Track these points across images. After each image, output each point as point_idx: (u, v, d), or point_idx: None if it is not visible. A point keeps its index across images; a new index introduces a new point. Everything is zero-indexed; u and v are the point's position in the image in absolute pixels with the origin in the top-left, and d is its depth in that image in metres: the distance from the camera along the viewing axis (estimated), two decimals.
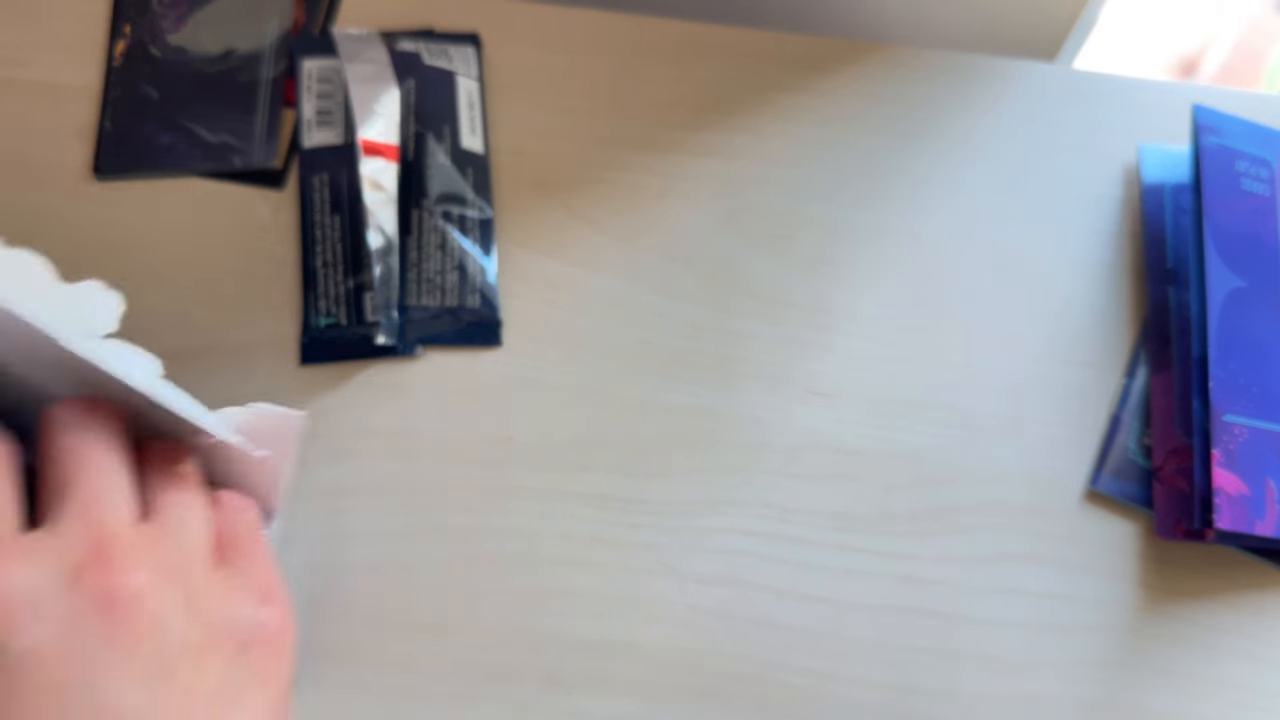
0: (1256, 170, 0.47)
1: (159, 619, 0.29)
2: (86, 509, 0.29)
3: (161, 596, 0.29)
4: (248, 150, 0.47)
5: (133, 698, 0.28)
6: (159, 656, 0.28)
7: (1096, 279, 0.48)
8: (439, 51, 0.49)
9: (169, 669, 0.29)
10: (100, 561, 0.28)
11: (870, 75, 0.51)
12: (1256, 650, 0.43)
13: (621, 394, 0.45)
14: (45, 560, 0.28)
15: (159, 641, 0.29)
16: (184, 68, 0.48)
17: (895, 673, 0.42)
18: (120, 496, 0.31)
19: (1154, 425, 0.45)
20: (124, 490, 0.31)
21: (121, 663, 0.28)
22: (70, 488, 0.30)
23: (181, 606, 0.30)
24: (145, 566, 0.29)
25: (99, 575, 0.28)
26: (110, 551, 0.29)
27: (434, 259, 0.45)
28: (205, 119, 0.48)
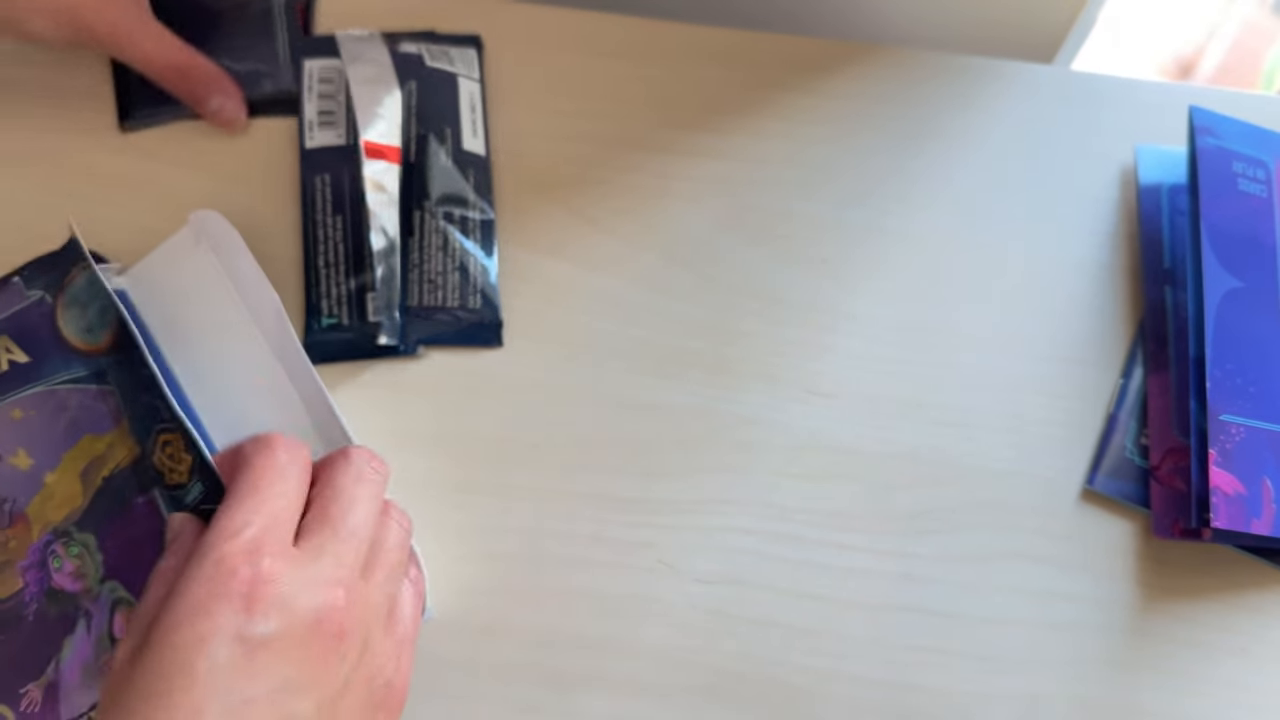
0: (1253, 171, 0.47)
1: (344, 660, 0.33)
2: (341, 558, 0.34)
3: (354, 647, 0.34)
4: (276, 74, 0.48)
5: (307, 711, 0.32)
6: (333, 689, 0.33)
7: (1094, 279, 0.48)
8: (441, 53, 0.49)
9: (333, 702, 0.33)
10: (335, 599, 0.33)
11: (869, 76, 0.51)
12: (1253, 648, 0.43)
13: (621, 394, 0.45)
14: (303, 579, 0.33)
15: (338, 678, 0.33)
16: (195, 5, 0.49)
17: (894, 671, 0.42)
18: (365, 550, 0.36)
19: (1151, 425, 0.45)
20: (368, 543, 0.36)
21: (311, 681, 0.32)
22: (338, 528, 0.35)
23: (358, 659, 0.34)
24: (358, 619, 0.34)
25: (330, 611, 0.33)
26: (343, 598, 0.33)
27: (436, 260, 0.46)
28: (229, 50, 0.49)
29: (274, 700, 0.31)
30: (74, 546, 0.41)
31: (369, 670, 0.35)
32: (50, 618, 0.40)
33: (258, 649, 0.31)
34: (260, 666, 0.31)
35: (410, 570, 0.39)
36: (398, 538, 0.37)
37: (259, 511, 0.34)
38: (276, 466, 0.35)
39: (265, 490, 0.34)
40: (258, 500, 0.34)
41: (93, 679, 0.39)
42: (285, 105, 0.49)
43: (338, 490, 0.36)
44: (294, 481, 0.36)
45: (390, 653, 0.36)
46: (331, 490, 0.36)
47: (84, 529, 0.41)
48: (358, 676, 0.34)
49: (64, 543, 0.41)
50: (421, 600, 0.40)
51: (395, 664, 0.36)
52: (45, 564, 0.41)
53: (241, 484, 0.35)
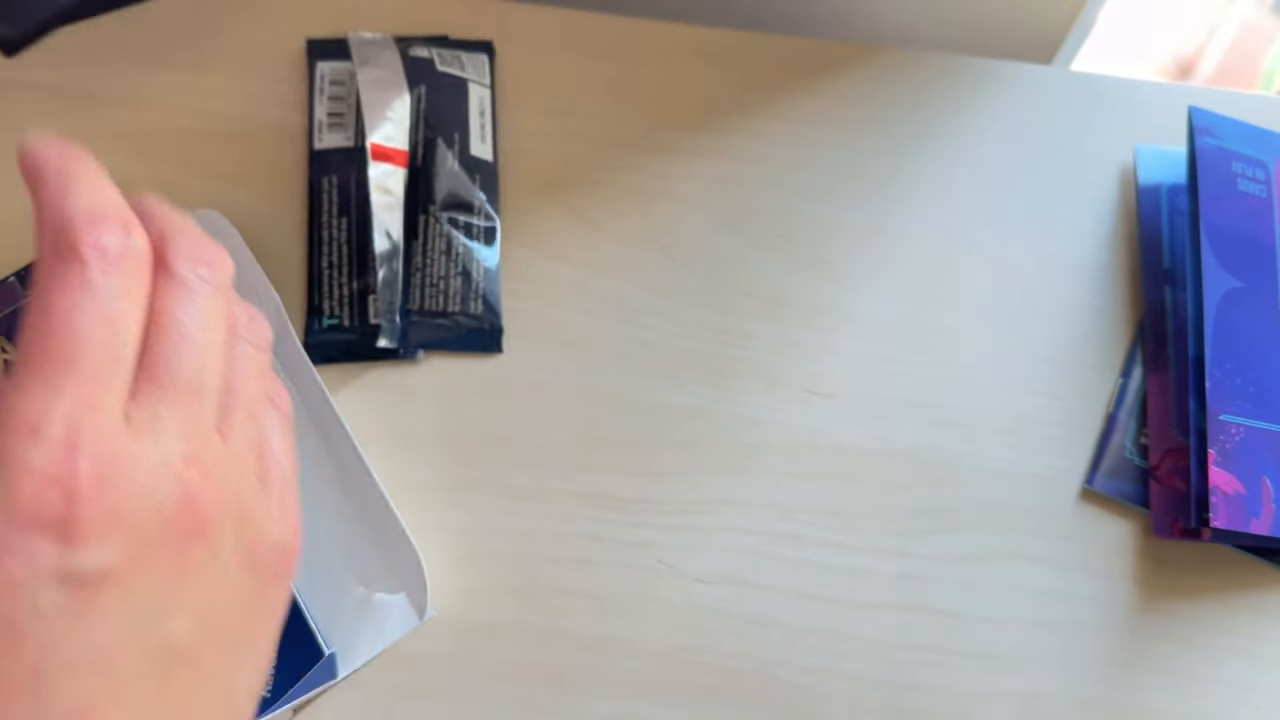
0: (1252, 171, 0.47)
1: (217, 554, 0.26)
2: (188, 420, 0.26)
3: (224, 531, 0.26)
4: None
5: (183, 632, 0.26)
6: (207, 591, 0.26)
7: (1093, 280, 0.48)
8: (452, 58, 0.49)
9: (211, 604, 0.26)
10: (189, 485, 0.25)
11: (868, 77, 0.51)
12: (1253, 648, 0.43)
13: (621, 394, 0.45)
14: (140, 474, 0.25)
15: (212, 577, 0.26)
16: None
17: (894, 671, 0.42)
18: (215, 409, 0.27)
19: (1150, 425, 0.45)
20: (217, 391, 0.27)
21: (178, 596, 0.25)
22: (174, 378, 0.26)
23: (234, 538, 0.27)
24: (222, 496, 0.26)
25: (186, 503, 0.25)
26: (199, 478, 0.26)
27: (439, 264, 0.46)
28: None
29: (137, 635, 0.24)
30: None
31: (249, 546, 0.27)
32: None
33: (95, 583, 0.24)
34: (105, 601, 0.24)
35: (273, 390, 0.31)
36: (251, 360, 0.29)
37: (66, 384, 0.24)
38: (86, 295, 0.25)
39: (74, 342, 0.24)
40: (63, 362, 0.24)
41: None
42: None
43: (165, 322, 0.26)
44: (113, 317, 0.25)
45: (272, 512, 0.29)
46: (158, 325, 0.26)
47: None
48: (237, 561, 0.27)
49: None
50: (289, 420, 0.31)
51: (281, 520, 0.29)
52: None
53: (38, 335, 0.24)
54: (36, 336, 0.24)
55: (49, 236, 0.25)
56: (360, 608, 0.41)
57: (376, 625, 0.41)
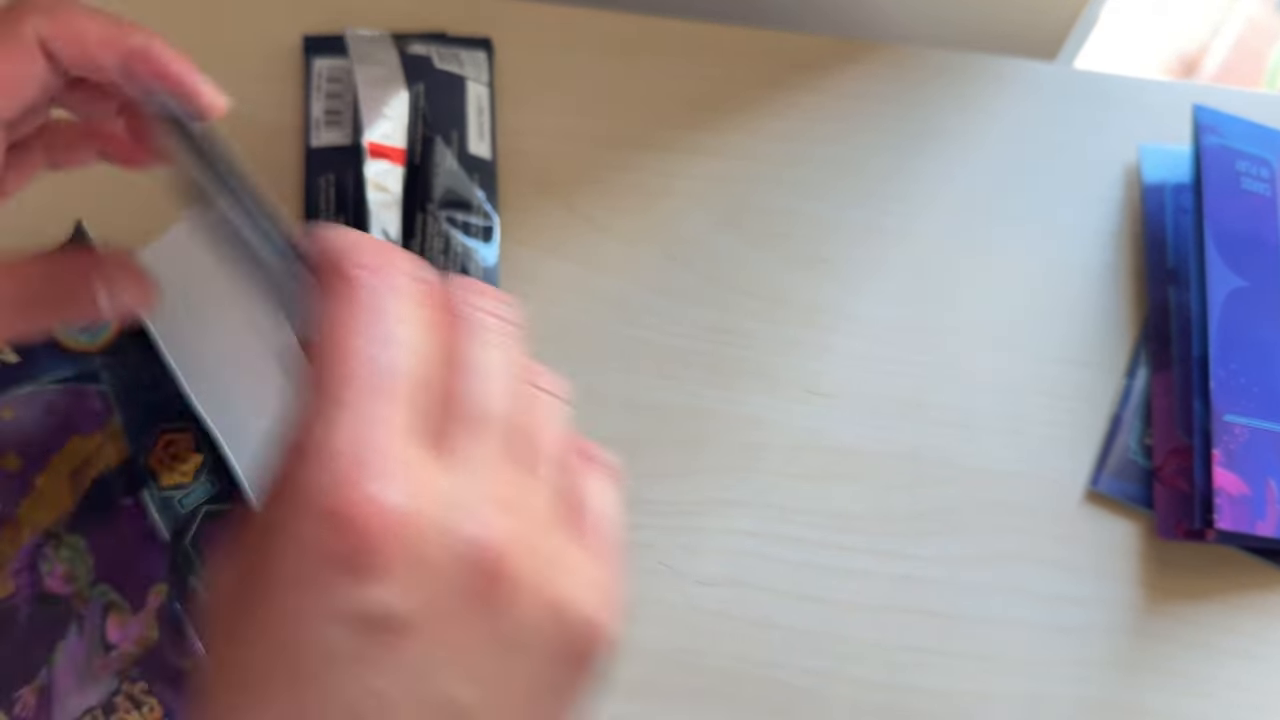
0: (1257, 170, 0.47)
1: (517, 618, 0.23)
2: (486, 459, 0.23)
3: (527, 592, 0.23)
4: None
5: (468, 701, 0.23)
6: (501, 659, 0.23)
7: (1097, 279, 0.48)
8: (450, 56, 0.49)
9: (502, 676, 0.23)
10: (493, 530, 0.22)
11: (870, 75, 0.51)
12: (1257, 650, 0.43)
13: (621, 394, 0.45)
14: (447, 515, 0.22)
15: (508, 643, 0.23)
16: None
17: (895, 672, 0.42)
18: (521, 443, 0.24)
19: (1155, 425, 0.45)
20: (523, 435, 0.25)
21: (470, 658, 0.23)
22: (469, 414, 0.23)
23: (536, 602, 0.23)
24: (530, 550, 0.23)
25: (489, 551, 0.22)
26: (506, 525, 0.23)
27: (437, 263, 0.45)
28: None
29: (420, 694, 0.22)
30: (63, 549, 0.41)
31: (553, 614, 0.23)
32: (42, 621, 0.40)
33: (385, 627, 0.21)
34: (391, 650, 0.21)
35: (585, 446, 0.28)
36: (556, 410, 0.26)
37: (359, 412, 0.21)
38: (378, 319, 0.23)
39: (354, 359, 0.22)
40: (354, 391, 0.22)
41: (86, 683, 0.39)
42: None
43: (458, 358, 0.24)
44: (411, 341, 0.23)
45: (585, 580, 0.24)
46: (449, 361, 0.24)
47: (73, 531, 0.41)
48: (537, 631, 0.23)
49: (53, 545, 0.41)
50: (618, 485, 0.28)
51: (595, 591, 0.24)
52: (36, 567, 0.41)
53: (329, 361, 0.22)
54: (318, 362, 0.22)
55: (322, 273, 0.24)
56: None
57: None
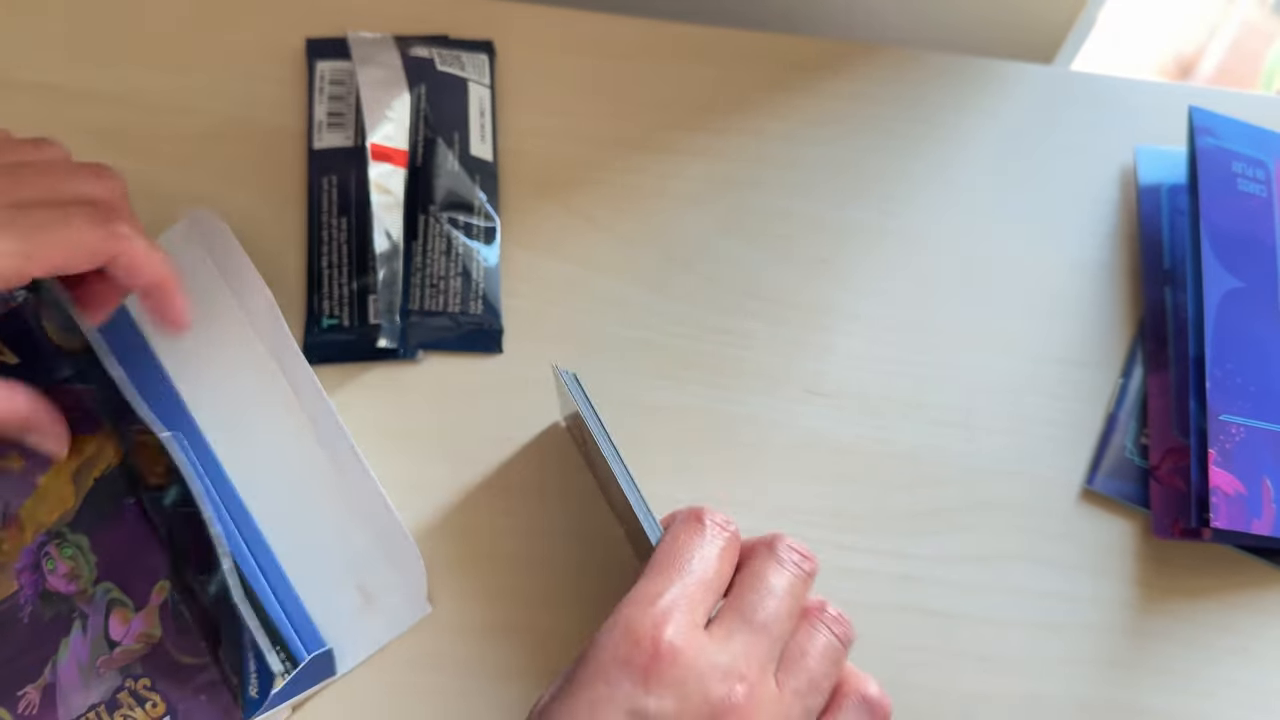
0: (1253, 171, 0.47)
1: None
2: (750, 650, 0.33)
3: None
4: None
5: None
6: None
7: (1094, 279, 0.48)
8: (452, 58, 0.49)
9: None
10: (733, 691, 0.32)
11: (869, 77, 0.51)
12: (1253, 648, 0.43)
13: (622, 394, 0.45)
14: (703, 661, 0.32)
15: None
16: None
17: (894, 670, 0.42)
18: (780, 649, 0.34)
19: (1151, 425, 0.45)
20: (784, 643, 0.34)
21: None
22: (750, 617, 0.34)
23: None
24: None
25: (727, 702, 0.32)
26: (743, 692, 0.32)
27: (439, 264, 0.46)
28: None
29: None
30: (67, 548, 0.41)
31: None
32: (45, 620, 0.40)
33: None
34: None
35: (859, 690, 0.35)
36: (828, 643, 0.35)
37: (674, 583, 0.34)
38: (702, 541, 0.35)
39: (684, 563, 0.34)
40: (675, 571, 0.34)
41: (89, 681, 0.40)
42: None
43: (756, 576, 0.35)
44: (715, 560, 0.35)
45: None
46: (750, 576, 0.35)
47: (76, 530, 0.41)
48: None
49: (57, 544, 0.41)
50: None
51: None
52: (39, 566, 0.41)
53: (663, 552, 0.35)
54: (664, 555, 0.35)
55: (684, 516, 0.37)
56: (358, 605, 0.41)
57: (375, 622, 0.41)
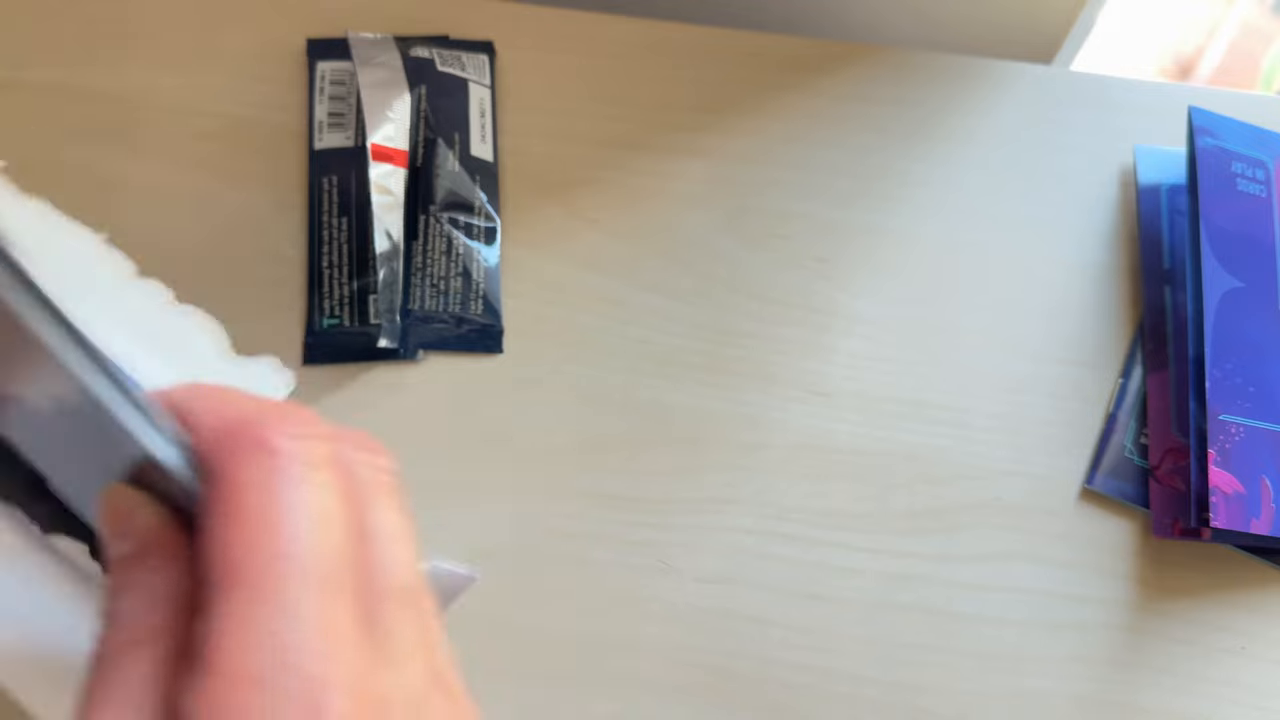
0: (1252, 171, 0.47)
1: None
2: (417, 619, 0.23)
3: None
4: None
5: None
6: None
7: (1093, 279, 0.48)
8: (453, 59, 0.49)
9: None
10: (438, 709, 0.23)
11: (868, 77, 0.51)
12: (1252, 648, 0.43)
13: (621, 394, 0.45)
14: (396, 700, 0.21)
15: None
16: None
17: (893, 670, 0.42)
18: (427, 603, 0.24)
19: (1150, 425, 0.45)
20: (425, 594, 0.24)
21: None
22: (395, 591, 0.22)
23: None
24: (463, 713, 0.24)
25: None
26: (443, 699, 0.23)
27: (439, 264, 0.46)
28: None
29: None
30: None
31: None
32: None
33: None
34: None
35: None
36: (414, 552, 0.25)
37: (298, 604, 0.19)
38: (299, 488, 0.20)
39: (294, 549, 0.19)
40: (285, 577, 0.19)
41: None
42: None
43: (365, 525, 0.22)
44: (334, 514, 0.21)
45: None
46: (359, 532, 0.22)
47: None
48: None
49: None
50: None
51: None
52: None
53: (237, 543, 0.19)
54: (234, 547, 0.19)
55: (216, 441, 0.20)
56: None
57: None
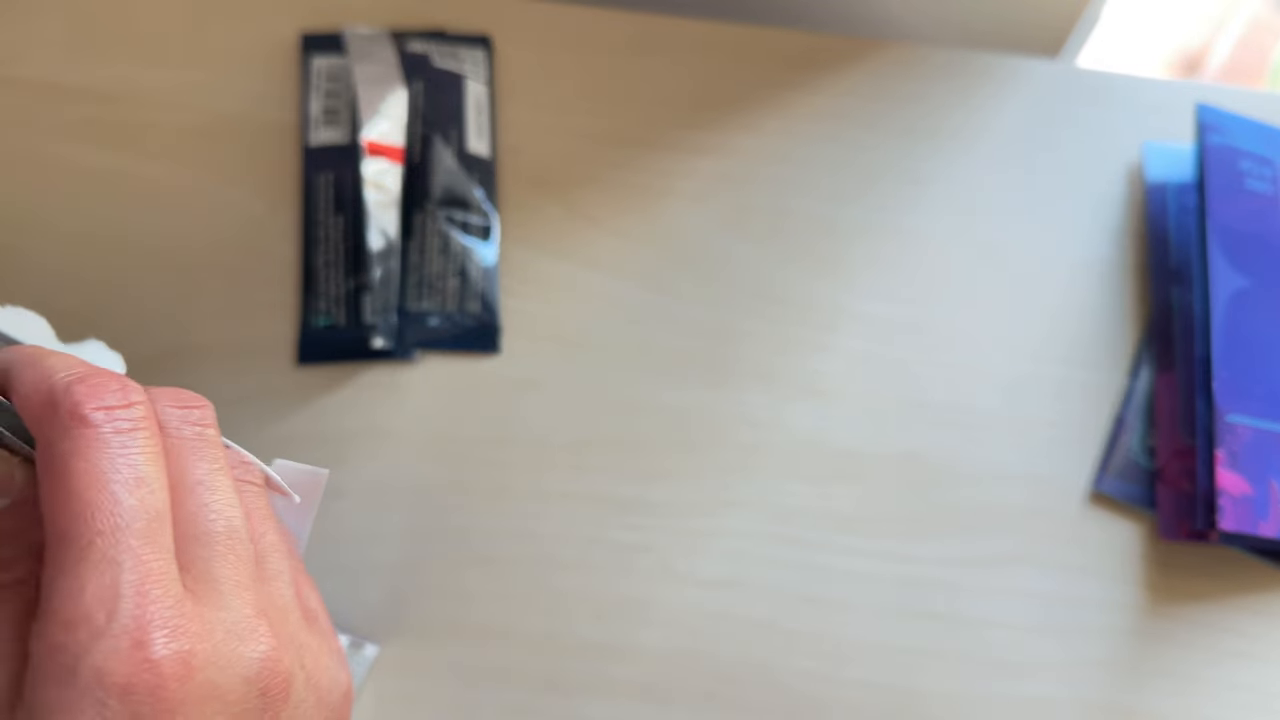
0: (1260, 169, 0.47)
1: (299, 705, 0.25)
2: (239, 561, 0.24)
3: (299, 679, 0.25)
4: None
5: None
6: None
7: (1100, 278, 0.48)
8: (449, 54, 0.48)
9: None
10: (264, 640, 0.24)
11: (872, 73, 0.51)
12: (1260, 651, 0.42)
13: (621, 394, 0.45)
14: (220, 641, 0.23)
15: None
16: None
17: (897, 674, 0.42)
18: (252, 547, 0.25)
19: (1158, 426, 0.45)
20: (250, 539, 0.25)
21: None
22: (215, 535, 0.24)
23: (307, 685, 0.25)
24: (291, 644, 0.25)
25: (267, 661, 0.23)
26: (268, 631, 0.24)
27: (435, 262, 0.45)
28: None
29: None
30: None
31: (322, 692, 0.26)
32: None
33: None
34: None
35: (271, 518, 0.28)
36: (258, 501, 0.27)
37: (118, 556, 0.22)
38: (114, 453, 0.22)
39: (115, 507, 0.22)
40: (107, 531, 0.22)
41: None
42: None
43: (182, 478, 0.24)
44: (150, 475, 0.23)
45: (328, 652, 0.27)
46: (174, 483, 0.24)
47: None
48: (315, 712, 0.26)
49: None
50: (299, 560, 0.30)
51: (338, 660, 0.27)
52: None
53: (65, 507, 0.22)
54: (63, 511, 0.22)
55: (38, 413, 0.23)
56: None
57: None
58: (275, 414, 0.44)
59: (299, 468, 0.32)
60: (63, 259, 0.46)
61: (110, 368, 0.31)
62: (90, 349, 0.35)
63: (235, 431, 0.30)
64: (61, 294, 0.45)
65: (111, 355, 0.35)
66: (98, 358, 0.35)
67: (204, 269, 0.46)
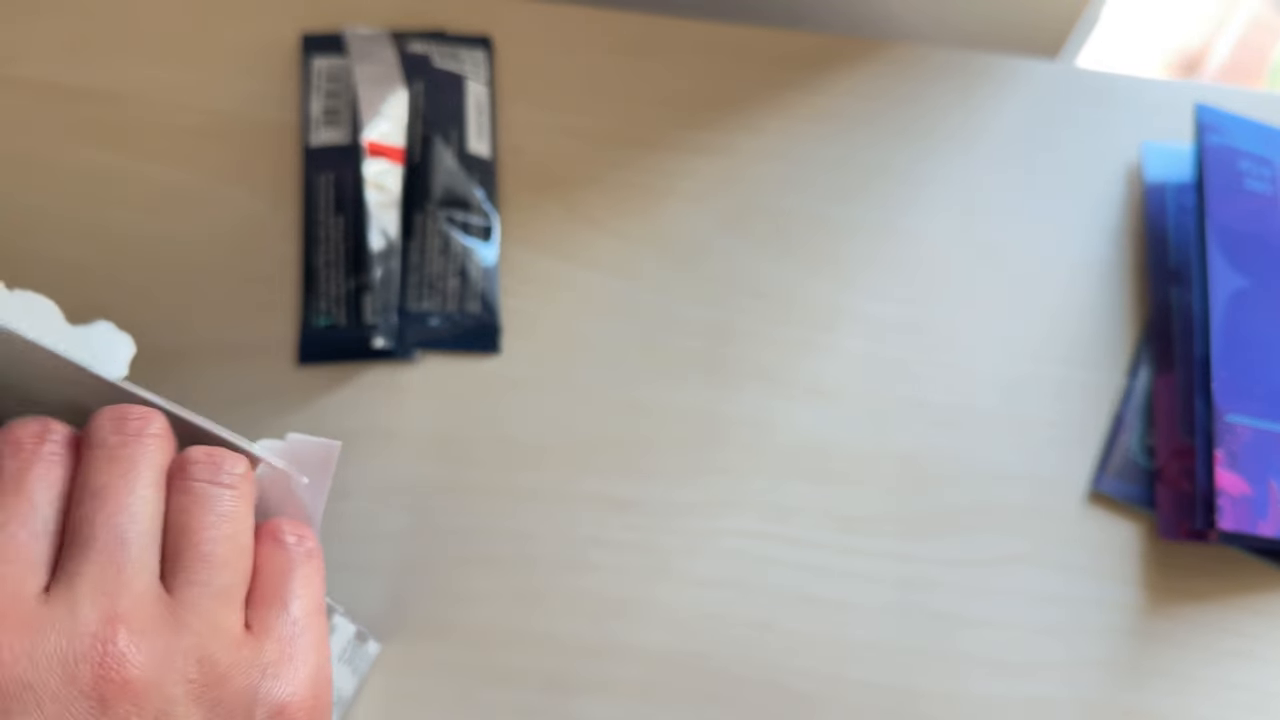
0: (1259, 170, 0.47)
1: (167, 712, 0.25)
2: (112, 566, 0.26)
3: (172, 689, 0.25)
4: None
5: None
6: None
7: (1099, 278, 0.48)
8: (449, 54, 0.48)
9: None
10: (108, 644, 0.25)
11: (871, 73, 0.51)
12: (1260, 651, 0.42)
13: (621, 394, 0.45)
14: (50, 640, 0.24)
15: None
16: None
17: (897, 675, 0.42)
18: (147, 557, 0.26)
19: (1157, 426, 0.45)
20: (152, 548, 0.27)
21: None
22: (93, 542, 0.26)
23: (192, 699, 0.26)
24: (166, 651, 0.25)
25: (106, 664, 0.24)
26: (124, 635, 0.25)
27: (436, 263, 0.45)
28: None
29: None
30: None
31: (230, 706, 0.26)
32: None
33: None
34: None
35: (274, 525, 0.29)
36: (208, 499, 0.28)
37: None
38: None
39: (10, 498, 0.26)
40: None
41: None
42: None
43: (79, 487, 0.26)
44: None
45: (266, 668, 0.27)
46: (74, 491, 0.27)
47: None
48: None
49: None
50: (314, 563, 0.30)
51: (283, 676, 0.27)
52: None
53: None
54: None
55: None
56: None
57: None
58: (275, 414, 0.44)
59: (311, 440, 0.32)
60: (63, 259, 0.46)
61: (120, 348, 0.33)
62: (100, 330, 0.35)
63: (235, 432, 0.30)
64: (61, 294, 0.45)
65: (121, 336, 0.35)
66: (108, 339, 0.35)
67: (204, 269, 0.46)
